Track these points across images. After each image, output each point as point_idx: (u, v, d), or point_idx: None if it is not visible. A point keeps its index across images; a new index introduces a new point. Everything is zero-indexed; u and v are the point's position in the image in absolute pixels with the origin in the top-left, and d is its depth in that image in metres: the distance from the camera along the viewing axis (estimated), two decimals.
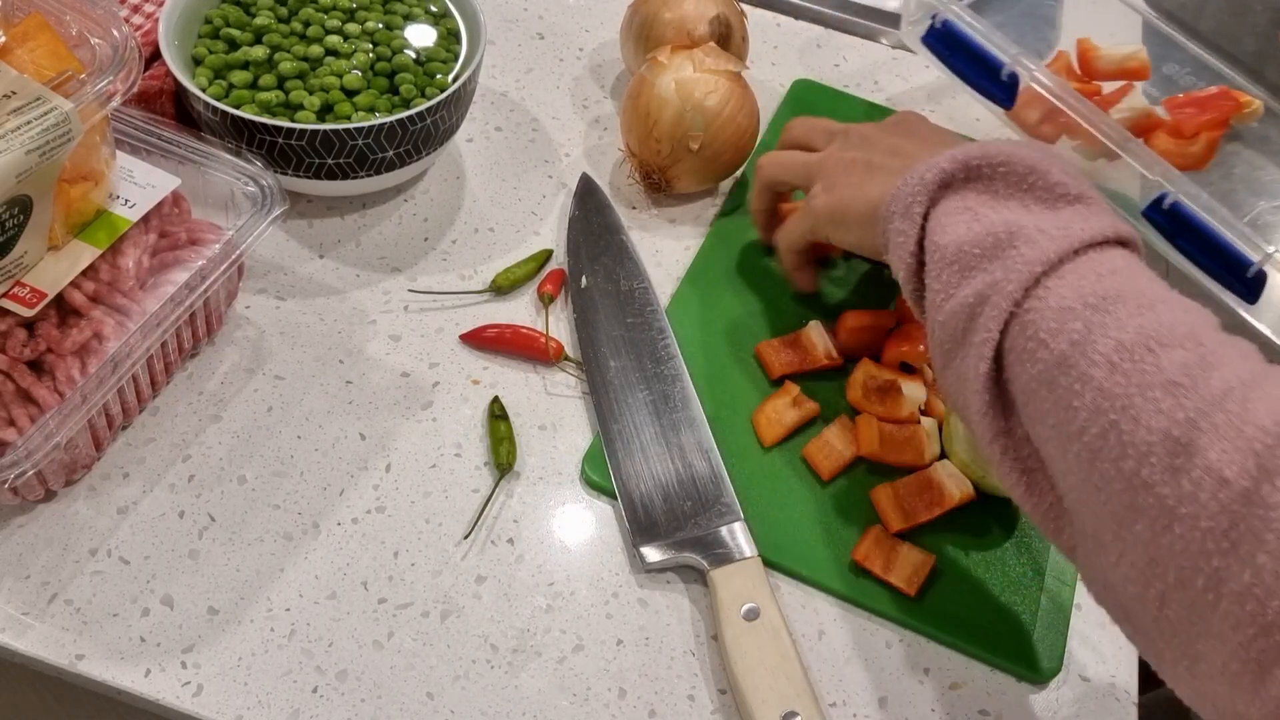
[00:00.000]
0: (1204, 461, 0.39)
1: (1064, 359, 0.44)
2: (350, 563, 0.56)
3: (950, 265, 0.50)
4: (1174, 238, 0.66)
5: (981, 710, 0.55)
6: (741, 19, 0.78)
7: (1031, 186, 0.50)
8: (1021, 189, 0.51)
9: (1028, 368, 0.45)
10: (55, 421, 0.50)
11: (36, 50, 0.53)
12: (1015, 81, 0.72)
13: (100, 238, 0.56)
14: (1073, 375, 0.43)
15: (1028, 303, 0.46)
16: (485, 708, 0.52)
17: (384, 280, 0.68)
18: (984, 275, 0.48)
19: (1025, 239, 0.48)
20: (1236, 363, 0.41)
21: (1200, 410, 0.40)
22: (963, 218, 0.50)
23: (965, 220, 0.50)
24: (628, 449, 0.60)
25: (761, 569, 0.56)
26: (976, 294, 0.48)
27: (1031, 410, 0.46)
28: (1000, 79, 0.72)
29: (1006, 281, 0.47)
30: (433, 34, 0.70)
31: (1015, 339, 0.46)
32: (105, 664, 0.52)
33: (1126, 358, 0.42)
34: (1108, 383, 0.42)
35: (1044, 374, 0.45)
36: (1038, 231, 0.48)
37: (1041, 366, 0.45)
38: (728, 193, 0.76)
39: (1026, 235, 0.48)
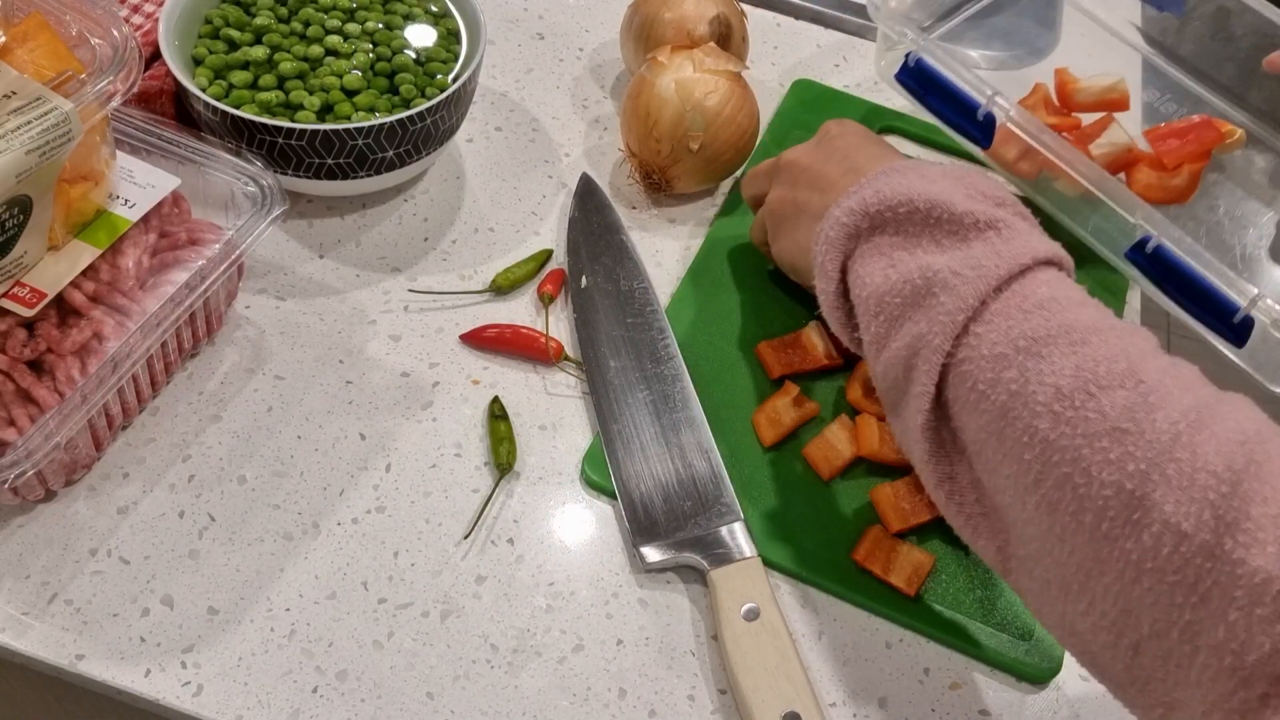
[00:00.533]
0: (1160, 515, 0.38)
1: (1006, 411, 0.43)
2: (350, 563, 0.56)
3: (875, 317, 0.49)
4: (1159, 281, 0.65)
5: (981, 710, 0.55)
6: (741, 19, 0.78)
7: (938, 221, 0.49)
8: (929, 226, 0.49)
9: (973, 419, 0.45)
10: (55, 421, 0.50)
11: (36, 50, 0.53)
12: (992, 121, 0.70)
13: (100, 238, 0.56)
14: (1018, 427, 0.43)
15: (960, 352, 0.45)
16: (485, 708, 0.52)
17: (384, 280, 0.68)
18: (910, 326, 0.47)
19: (942, 285, 0.46)
20: (1179, 398, 0.41)
21: (1150, 460, 0.39)
22: (878, 265, 0.49)
23: (881, 269, 0.49)
24: (628, 449, 0.60)
25: (761, 569, 0.56)
26: (907, 347, 0.47)
27: (984, 460, 0.45)
28: (976, 119, 0.70)
29: (932, 335, 0.46)
30: (433, 34, 0.70)
31: (955, 389, 0.46)
32: (105, 664, 0.52)
33: (1067, 405, 0.41)
34: (1053, 434, 0.41)
35: (990, 425, 0.44)
36: (953, 275, 0.46)
37: (986, 418, 0.44)
38: (728, 193, 0.76)
39: (942, 281, 0.46)
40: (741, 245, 0.72)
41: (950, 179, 0.51)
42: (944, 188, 0.50)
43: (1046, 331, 0.44)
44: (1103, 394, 0.41)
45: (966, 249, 0.48)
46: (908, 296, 0.47)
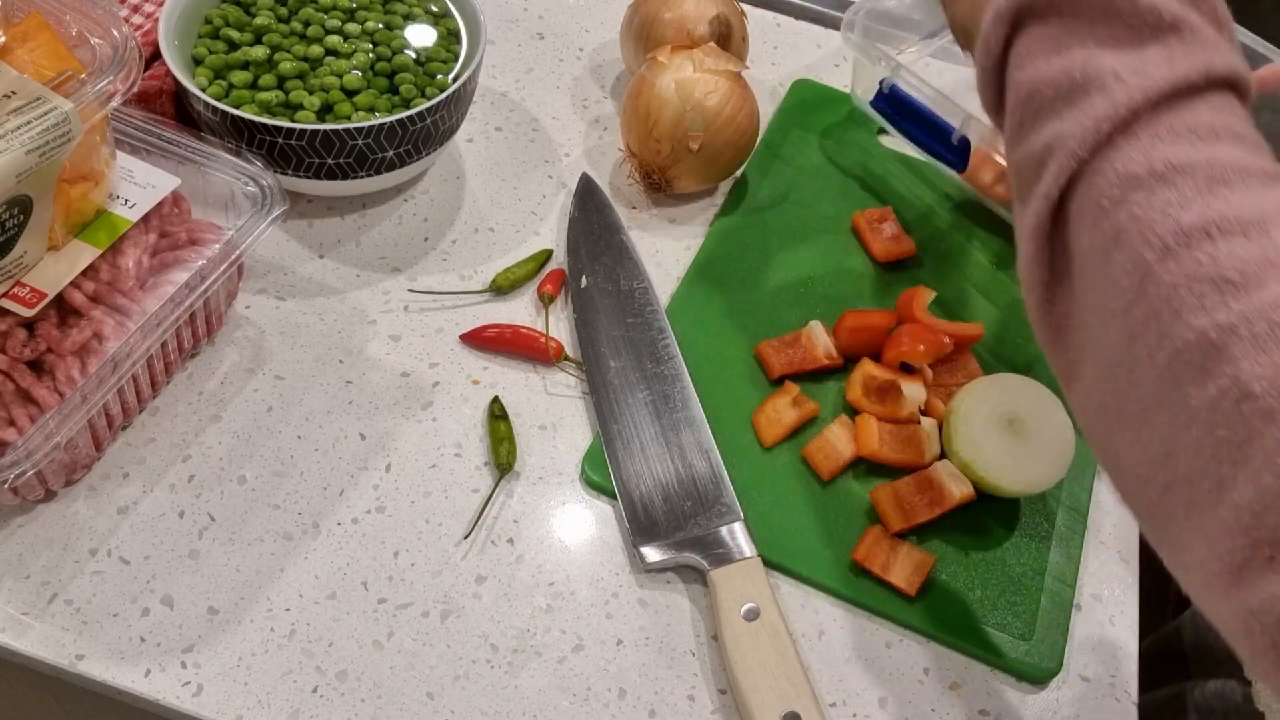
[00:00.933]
0: (1234, 370, 0.37)
1: (1120, 233, 0.41)
2: (350, 563, 0.56)
3: (1025, 104, 0.46)
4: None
5: (981, 710, 0.55)
6: (741, 19, 0.78)
7: (1120, 12, 0.44)
8: (1110, 14, 0.45)
9: (1089, 233, 0.43)
10: (55, 421, 0.50)
11: (36, 50, 0.53)
12: (967, 145, 0.70)
13: (100, 238, 0.56)
14: (1126, 252, 0.41)
15: (1095, 162, 0.43)
16: (485, 708, 0.52)
17: (384, 280, 0.68)
18: (1056, 122, 0.44)
19: (1100, 86, 0.43)
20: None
21: (1243, 316, 0.38)
22: (1043, 48, 0.46)
23: (1044, 55, 0.45)
24: (628, 449, 0.60)
25: (761, 569, 0.56)
26: (1044, 144, 0.44)
27: (1085, 278, 0.43)
28: (951, 143, 0.71)
29: (1072, 136, 0.43)
30: (433, 34, 0.70)
31: (1080, 200, 0.43)
32: (105, 664, 0.52)
33: (1183, 243, 0.39)
34: (1158, 267, 0.40)
35: (1101, 244, 0.42)
36: (1114, 77, 0.43)
37: (1100, 236, 0.42)
38: (728, 193, 0.76)
39: (1102, 81, 0.43)
40: (742, 245, 0.72)
41: None
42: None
43: (1189, 160, 0.41)
44: (1222, 239, 0.39)
45: (1139, 51, 0.44)
46: (1062, 89, 0.44)
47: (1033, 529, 0.61)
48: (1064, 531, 0.61)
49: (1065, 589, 0.58)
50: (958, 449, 0.60)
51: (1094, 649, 0.57)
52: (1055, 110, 0.44)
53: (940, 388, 0.65)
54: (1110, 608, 0.59)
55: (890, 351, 0.65)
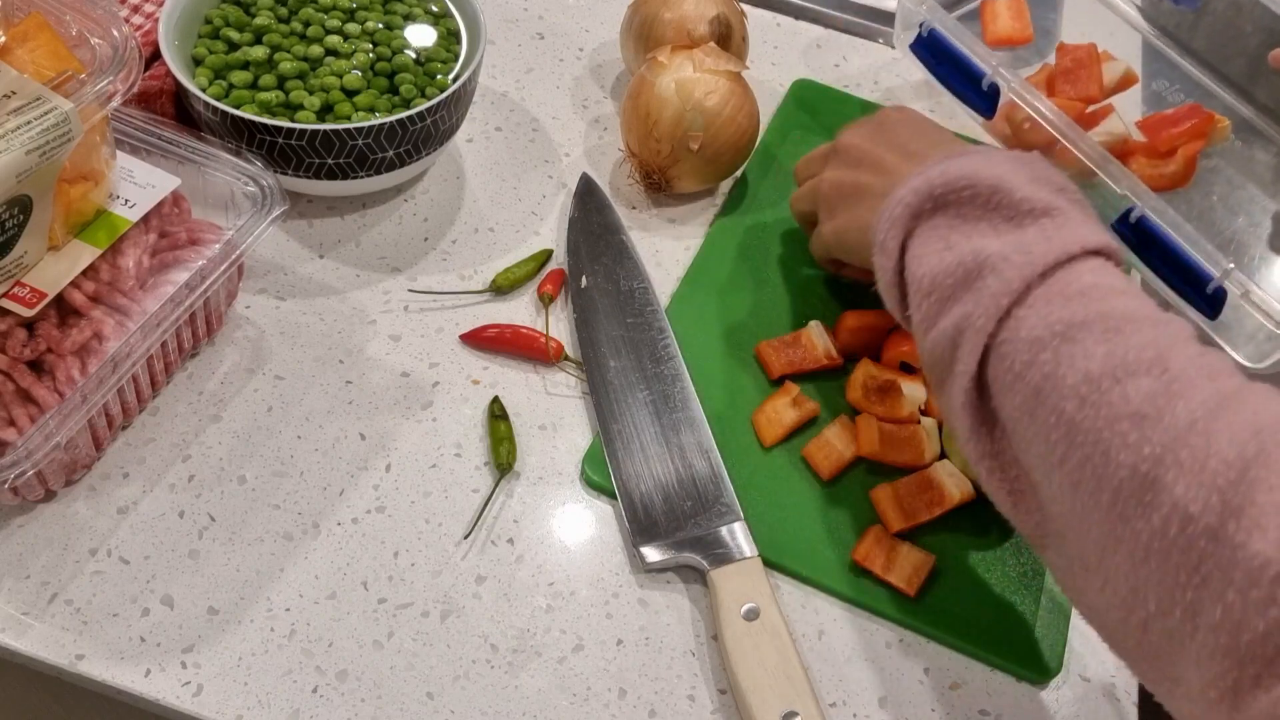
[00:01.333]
0: (1170, 498, 0.40)
1: (1038, 392, 0.45)
2: (350, 563, 0.56)
3: (927, 296, 0.50)
4: (1140, 251, 0.67)
5: (981, 710, 0.55)
6: (741, 19, 0.78)
7: (997, 206, 0.50)
8: (989, 209, 0.50)
9: (1010, 398, 0.46)
10: (55, 421, 0.50)
11: (36, 50, 0.53)
12: (996, 92, 0.72)
13: (100, 238, 0.56)
14: (1047, 408, 0.44)
15: (1001, 334, 0.47)
16: (485, 708, 0.52)
17: (384, 280, 0.68)
18: (958, 307, 0.49)
19: (991, 268, 0.48)
20: (1203, 387, 0.42)
21: (1165, 445, 0.40)
22: (935, 247, 0.51)
23: (938, 250, 0.51)
24: (628, 449, 0.60)
25: (761, 569, 0.56)
26: (954, 326, 0.48)
27: (1018, 438, 0.47)
28: (981, 89, 0.73)
29: (977, 315, 0.47)
30: (433, 34, 0.70)
31: (995, 370, 0.47)
32: (105, 664, 0.52)
33: (1094, 389, 0.43)
34: (1078, 416, 0.43)
35: (1024, 405, 0.45)
36: (1002, 259, 0.48)
37: (1020, 398, 0.46)
38: (728, 193, 0.76)
39: (992, 264, 0.48)
40: (742, 245, 0.72)
41: (1013, 163, 0.52)
42: (1007, 171, 0.51)
43: (1083, 318, 0.45)
44: (1129, 380, 0.42)
45: (1020, 234, 0.49)
46: (959, 278, 0.49)
47: None
48: None
49: None
50: (958, 449, 0.60)
51: (1094, 649, 0.57)
52: (956, 296, 0.49)
53: None
54: None
55: (890, 351, 0.65)
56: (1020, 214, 0.50)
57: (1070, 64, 0.77)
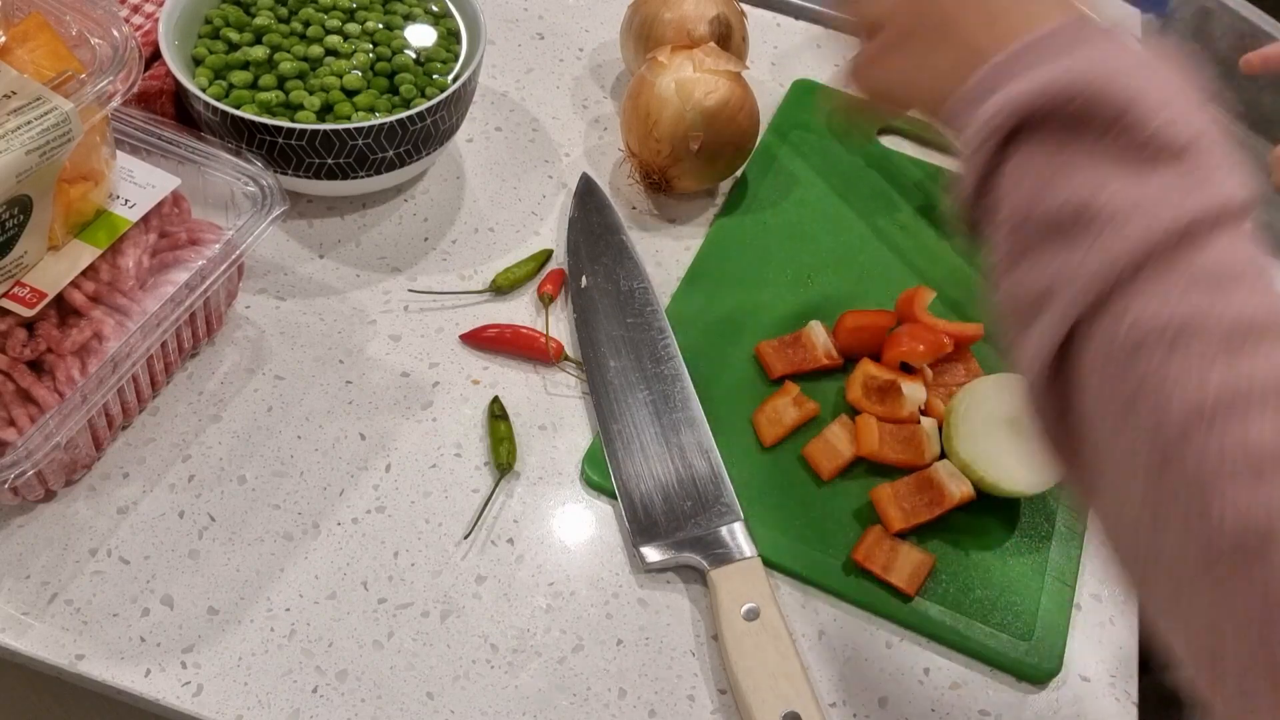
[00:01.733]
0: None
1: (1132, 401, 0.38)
2: (350, 563, 0.56)
3: (1017, 230, 0.42)
4: None
5: (982, 710, 0.55)
6: (741, 19, 0.78)
7: (1125, 130, 0.41)
8: (1113, 133, 0.41)
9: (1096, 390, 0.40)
10: (55, 421, 0.50)
11: (36, 50, 0.53)
12: None
13: (100, 238, 0.56)
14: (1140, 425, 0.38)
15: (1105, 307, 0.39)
16: (485, 708, 0.52)
17: (384, 280, 0.68)
18: (1053, 256, 0.41)
19: (1107, 220, 0.40)
20: None
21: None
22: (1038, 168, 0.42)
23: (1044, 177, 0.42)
24: (628, 449, 0.60)
25: (761, 569, 0.56)
26: (1044, 279, 0.41)
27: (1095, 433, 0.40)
28: None
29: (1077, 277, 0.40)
30: (433, 34, 0.70)
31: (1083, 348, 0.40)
32: (105, 664, 0.52)
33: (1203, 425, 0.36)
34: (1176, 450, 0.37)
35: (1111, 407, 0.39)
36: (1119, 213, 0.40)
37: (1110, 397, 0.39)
38: (728, 193, 0.76)
39: (1109, 215, 0.40)
40: (741, 245, 0.72)
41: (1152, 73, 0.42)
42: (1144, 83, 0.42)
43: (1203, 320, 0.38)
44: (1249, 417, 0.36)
45: (1143, 180, 0.40)
46: (1065, 221, 0.41)
47: (1033, 529, 0.61)
48: (1064, 531, 0.61)
49: (1065, 589, 0.58)
50: (958, 449, 0.60)
51: (1094, 649, 0.57)
52: (1056, 243, 0.41)
53: (940, 388, 0.65)
54: (1110, 608, 0.59)
55: (890, 351, 0.65)
56: (1154, 147, 0.40)
57: None
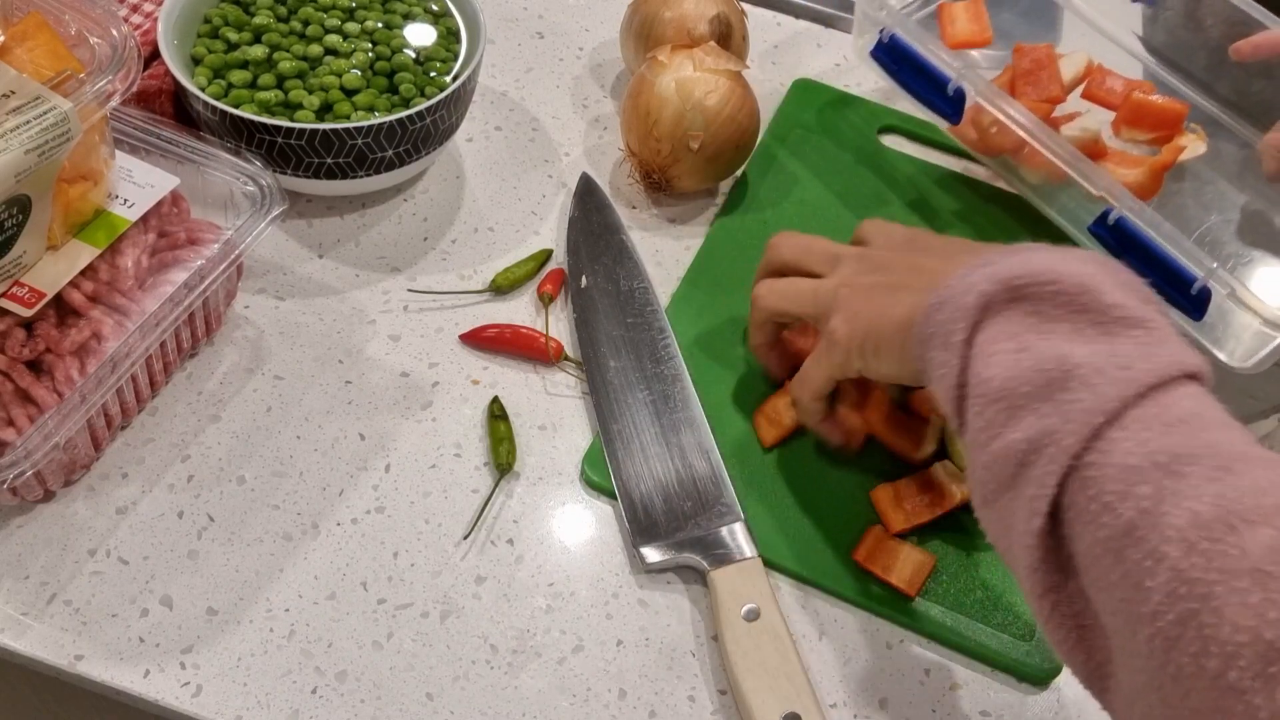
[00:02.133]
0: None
1: (1132, 529, 0.39)
2: (350, 563, 0.56)
3: (995, 403, 0.44)
4: (1120, 254, 0.64)
5: (983, 711, 0.55)
6: (741, 18, 0.78)
7: (1084, 308, 0.45)
8: (1073, 311, 0.45)
9: (1090, 530, 0.41)
10: (54, 421, 0.50)
11: (35, 50, 0.52)
12: (962, 97, 0.71)
13: (99, 237, 0.56)
14: (1143, 550, 0.39)
15: (1088, 456, 0.41)
16: (485, 708, 0.52)
17: (384, 280, 0.68)
18: (1036, 420, 0.43)
19: (1081, 381, 0.42)
20: None
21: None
22: (1008, 346, 0.45)
23: (1011, 350, 0.45)
24: (628, 449, 0.60)
25: (762, 569, 0.56)
26: (1028, 440, 0.43)
27: (1095, 577, 0.41)
28: (946, 94, 0.71)
29: (1063, 433, 0.42)
30: (432, 33, 0.70)
31: (1075, 496, 0.42)
32: (104, 664, 0.51)
33: (1204, 536, 0.37)
34: (1184, 564, 0.37)
35: (1109, 541, 0.40)
36: (1095, 372, 0.42)
37: (1106, 533, 0.40)
38: (728, 193, 0.76)
39: (1083, 376, 0.43)
40: (741, 245, 0.72)
41: (1098, 265, 0.47)
42: (1093, 271, 0.46)
43: (1188, 450, 0.40)
44: (1246, 529, 0.37)
45: (1111, 344, 0.44)
46: (1039, 385, 0.43)
47: None
48: None
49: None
50: (959, 449, 0.60)
51: None
52: (1032, 406, 0.43)
53: None
54: None
55: None
56: (1110, 321, 0.44)
57: (1029, 65, 0.75)
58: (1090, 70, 0.77)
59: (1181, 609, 0.37)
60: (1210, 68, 0.81)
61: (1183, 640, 0.37)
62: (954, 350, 0.47)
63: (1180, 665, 0.37)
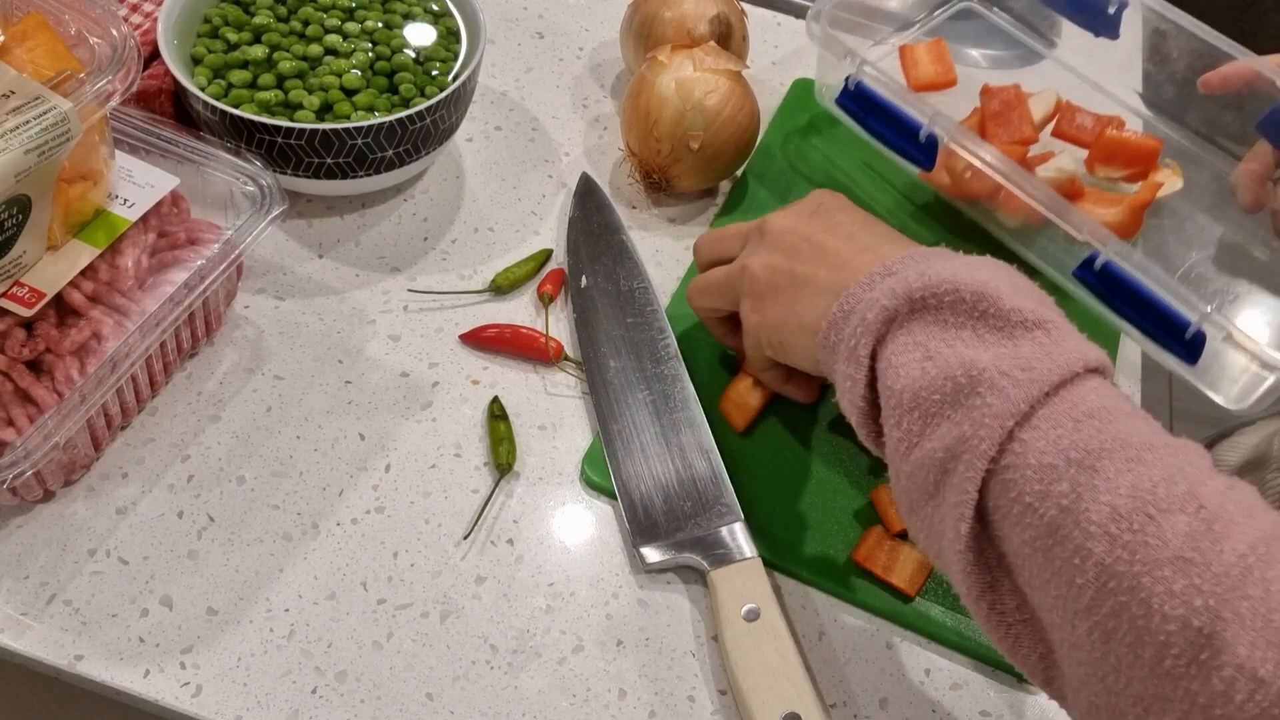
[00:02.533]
0: (1233, 659, 0.36)
1: (1056, 527, 0.41)
2: (349, 563, 0.56)
3: (909, 413, 0.45)
4: (1108, 299, 0.63)
5: (983, 711, 0.55)
6: (741, 18, 0.78)
7: (983, 315, 0.46)
8: (973, 317, 0.46)
9: (1016, 531, 0.42)
10: (54, 421, 0.50)
11: (35, 50, 0.52)
12: (934, 143, 0.68)
13: (99, 237, 0.56)
14: (1069, 547, 0.40)
15: (1004, 459, 0.42)
16: (485, 708, 0.52)
17: (384, 280, 0.68)
18: (950, 426, 0.44)
19: (989, 385, 0.43)
20: (1244, 526, 0.38)
21: (1219, 596, 0.36)
22: (914, 356, 0.46)
23: (918, 360, 0.46)
24: (628, 449, 0.60)
25: (762, 569, 0.56)
26: (945, 448, 0.44)
27: (1028, 576, 0.42)
28: (918, 141, 0.69)
29: (977, 439, 0.43)
30: (432, 33, 0.70)
31: (998, 499, 0.43)
32: (104, 664, 0.51)
33: (1125, 528, 0.39)
34: (1109, 558, 0.39)
35: (1036, 541, 0.41)
36: (1000, 375, 0.43)
37: (1032, 533, 0.41)
38: (728, 193, 0.76)
39: (989, 380, 0.43)
40: None
41: (993, 269, 0.48)
42: (989, 276, 0.47)
43: (1100, 444, 0.41)
44: (1163, 518, 0.39)
45: (1013, 347, 0.45)
46: (948, 394, 0.44)
47: None
48: None
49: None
50: None
51: None
52: (945, 414, 0.44)
53: None
54: None
55: None
56: (1011, 324, 0.45)
57: (999, 107, 0.74)
58: (1060, 107, 0.76)
59: (1112, 603, 0.38)
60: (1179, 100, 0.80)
61: (1118, 633, 0.38)
62: (860, 365, 0.48)
63: (1119, 656, 0.38)
